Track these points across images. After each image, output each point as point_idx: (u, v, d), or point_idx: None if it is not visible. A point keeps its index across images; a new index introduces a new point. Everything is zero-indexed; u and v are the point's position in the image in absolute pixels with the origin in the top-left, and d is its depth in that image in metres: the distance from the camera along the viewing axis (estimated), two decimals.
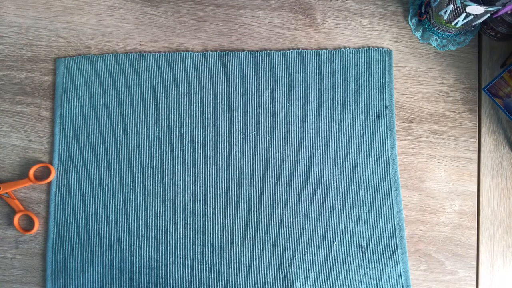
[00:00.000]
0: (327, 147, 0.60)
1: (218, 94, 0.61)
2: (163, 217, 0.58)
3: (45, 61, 0.61)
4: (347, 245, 0.58)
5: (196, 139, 0.60)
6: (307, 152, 0.59)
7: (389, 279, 0.57)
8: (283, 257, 0.58)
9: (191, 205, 0.58)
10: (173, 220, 0.58)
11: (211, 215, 0.58)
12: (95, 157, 0.59)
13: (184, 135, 0.60)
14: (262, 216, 0.58)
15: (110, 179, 0.59)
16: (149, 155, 0.59)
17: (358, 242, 0.58)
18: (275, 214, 0.58)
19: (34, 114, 0.61)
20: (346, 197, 0.59)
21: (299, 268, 0.57)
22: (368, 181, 0.59)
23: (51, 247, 0.58)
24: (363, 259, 0.58)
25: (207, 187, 0.59)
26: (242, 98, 0.60)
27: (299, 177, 0.59)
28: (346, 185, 0.59)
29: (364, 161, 0.59)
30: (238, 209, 0.58)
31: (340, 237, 0.58)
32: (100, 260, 0.57)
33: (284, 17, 0.62)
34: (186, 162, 0.59)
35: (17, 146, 0.60)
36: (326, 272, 0.57)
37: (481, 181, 0.60)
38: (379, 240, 0.58)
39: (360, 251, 0.58)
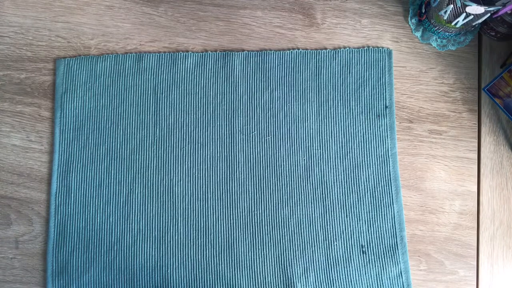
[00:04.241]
0: (327, 147, 0.60)
1: (218, 94, 0.60)
2: (163, 217, 0.58)
3: (45, 61, 0.61)
4: (348, 245, 0.58)
5: (196, 139, 0.60)
6: (307, 152, 0.59)
7: (389, 279, 0.57)
8: (283, 257, 0.58)
9: (191, 205, 0.59)
10: (173, 220, 0.58)
11: (211, 215, 0.58)
12: (95, 158, 0.59)
13: (184, 135, 0.60)
14: (262, 216, 0.58)
15: (110, 180, 0.59)
16: (149, 155, 0.59)
17: (359, 241, 0.58)
18: (275, 214, 0.58)
19: (34, 114, 0.61)
20: (346, 197, 0.59)
21: (299, 268, 0.57)
22: (368, 181, 0.59)
23: (52, 248, 0.58)
24: (363, 259, 0.58)
25: (207, 187, 0.59)
26: (242, 98, 0.60)
27: (299, 177, 0.59)
28: (346, 185, 0.59)
29: (364, 161, 0.59)
30: (238, 209, 0.58)
31: (341, 237, 0.58)
32: (100, 261, 0.57)
33: (284, 17, 0.62)
34: (186, 162, 0.59)
35: (17, 146, 0.60)
36: (326, 272, 0.57)
37: (481, 181, 0.60)
38: (379, 239, 0.58)
39: (361, 251, 0.58)
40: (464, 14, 0.53)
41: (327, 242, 0.58)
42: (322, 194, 0.59)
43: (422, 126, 0.61)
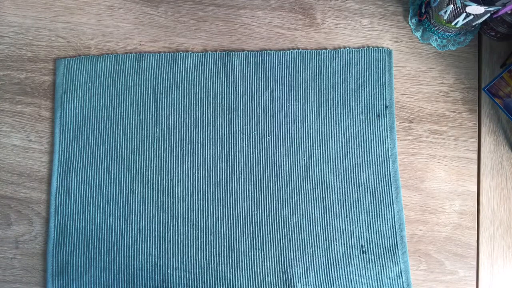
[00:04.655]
0: (327, 147, 0.60)
1: (218, 94, 0.60)
2: (163, 217, 0.58)
3: (45, 61, 0.61)
4: (348, 245, 0.58)
5: (196, 139, 0.60)
6: (307, 152, 0.59)
7: (389, 279, 0.57)
8: (283, 257, 0.58)
9: (191, 205, 0.59)
10: (173, 220, 0.58)
11: (211, 215, 0.58)
12: (95, 158, 0.59)
13: (184, 135, 0.60)
14: (262, 216, 0.58)
15: (110, 180, 0.59)
16: (149, 155, 0.59)
17: (359, 241, 0.58)
18: (275, 214, 0.58)
19: (34, 114, 0.61)
20: (346, 197, 0.59)
21: (299, 268, 0.57)
22: (368, 181, 0.59)
23: (52, 248, 0.58)
24: (363, 259, 0.58)
25: (207, 187, 0.59)
26: (242, 98, 0.60)
27: (299, 177, 0.59)
28: (346, 185, 0.59)
29: (364, 161, 0.59)
30: (238, 209, 0.58)
31: (341, 237, 0.58)
32: (100, 261, 0.57)
33: (284, 17, 0.62)
34: (186, 162, 0.59)
35: (17, 146, 0.60)
36: (326, 272, 0.57)
37: (481, 181, 0.60)
38: (379, 239, 0.58)
39: (361, 251, 0.58)
40: (464, 14, 0.53)
41: (327, 242, 0.58)
42: (322, 194, 0.59)
43: (422, 126, 0.61)
